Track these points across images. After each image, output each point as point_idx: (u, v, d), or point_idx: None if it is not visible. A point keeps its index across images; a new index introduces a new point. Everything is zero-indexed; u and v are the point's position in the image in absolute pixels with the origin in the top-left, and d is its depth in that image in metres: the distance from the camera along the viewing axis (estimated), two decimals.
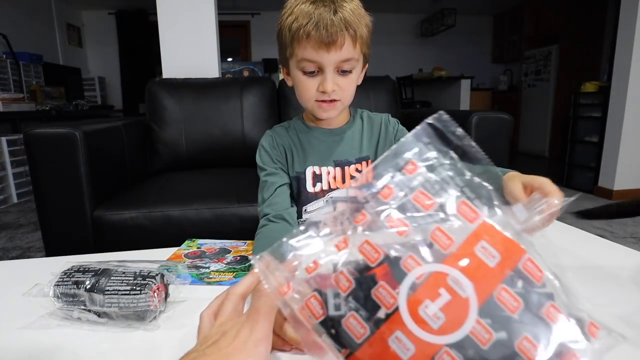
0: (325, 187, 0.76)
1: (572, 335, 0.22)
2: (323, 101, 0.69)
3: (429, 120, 0.26)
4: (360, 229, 0.24)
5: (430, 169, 0.25)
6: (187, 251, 0.71)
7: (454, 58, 6.39)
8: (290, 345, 0.41)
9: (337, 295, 0.23)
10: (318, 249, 0.24)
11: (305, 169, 0.76)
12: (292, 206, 0.74)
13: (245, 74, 4.62)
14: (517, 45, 6.04)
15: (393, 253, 0.23)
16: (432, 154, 0.25)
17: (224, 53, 2.58)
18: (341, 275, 0.23)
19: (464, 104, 4.76)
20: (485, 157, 0.26)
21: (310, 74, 0.68)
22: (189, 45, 2.14)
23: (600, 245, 0.70)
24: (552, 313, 0.22)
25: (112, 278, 0.45)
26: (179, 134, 1.75)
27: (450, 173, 0.25)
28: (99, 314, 0.45)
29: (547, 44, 5.27)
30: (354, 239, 0.24)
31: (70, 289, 0.45)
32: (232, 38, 5.95)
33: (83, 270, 0.47)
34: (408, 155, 0.25)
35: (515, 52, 6.07)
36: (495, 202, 0.25)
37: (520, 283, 0.22)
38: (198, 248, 0.73)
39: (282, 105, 1.94)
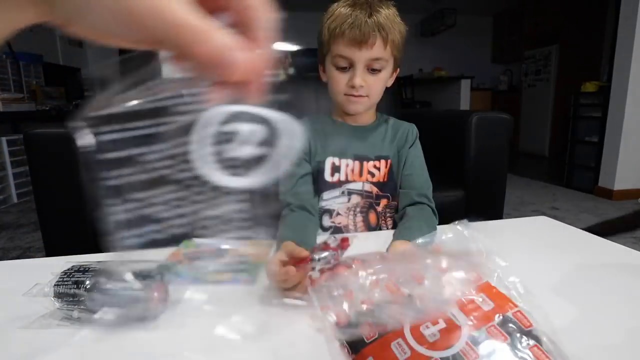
0: (342, 178, 0.81)
1: None
2: (352, 95, 0.76)
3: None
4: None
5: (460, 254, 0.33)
6: (185, 251, 0.71)
7: (454, 58, 6.39)
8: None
9: (361, 313, 0.29)
10: (360, 287, 0.32)
11: (325, 159, 0.81)
12: (314, 197, 0.79)
13: None
14: (517, 45, 6.04)
15: (408, 293, 0.30)
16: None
17: None
18: (368, 301, 0.30)
19: (464, 104, 4.75)
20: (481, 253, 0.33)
21: (342, 69, 0.75)
22: None
23: (601, 245, 0.70)
24: (537, 353, 0.25)
25: (112, 278, 0.45)
26: None
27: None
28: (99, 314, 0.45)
29: (547, 44, 5.27)
30: (382, 281, 0.31)
31: (70, 288, 0.45)
32: None
33: (83, 270, 0.47)
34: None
35: (515, 52, 6.07)
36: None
37: (509, 325, 0.27)
38: (196, 248, 0.73)
39: (282, 105, 1.94)
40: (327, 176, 0.80)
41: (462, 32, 6.18)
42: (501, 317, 0.27)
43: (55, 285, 0.46)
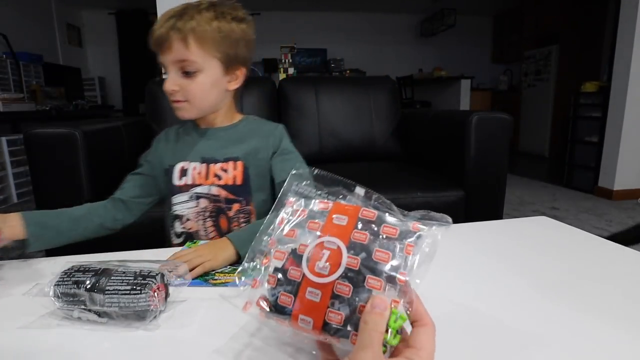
0: (189, 182, 0.79)
1: (405, 236, 0.34)
2: (172, 101, 0.75)
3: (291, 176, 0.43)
4: (272, 248, 0.39)
5: (305, 198, 0.41)
6: None
7: (454, 58, 6.39)
8: None
9: (271, 289, 0.36)
10: (261, 271, 0.38)
11: (176, 164, 0.80)
12: (134, 193, 0.81)
13: None
14: (517, 45, 6.04)
15: (291, 248, 0.37)
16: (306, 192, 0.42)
17: None
18: (270, 277, 0.36)
19: (464, 104, 4.76)
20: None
21: (166, 75, 0.73)
22: None
23: (600, 245, 0.70)
24: (388, 230, 0.35)
25: (112, 278, 0.45)
26: None
27: (312, 195, 0.42)
28: (99, 314, 0.45)
29: (547, 44, 5.27)
30: (270, 254, 0.38)
31: (71, 288, 0.45)
32: None
33: (83, 270, 0.47)
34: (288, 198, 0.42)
35: (515, 52, 6.07)
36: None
37: (361, 224, 0.35)
38: None
39: (282, 105, 1.94)
40: (175, 180, 0.79)
41: (462, 32, 6.19)
42: (356, 222, 0.36)
43: (55, 285, 0.46)
